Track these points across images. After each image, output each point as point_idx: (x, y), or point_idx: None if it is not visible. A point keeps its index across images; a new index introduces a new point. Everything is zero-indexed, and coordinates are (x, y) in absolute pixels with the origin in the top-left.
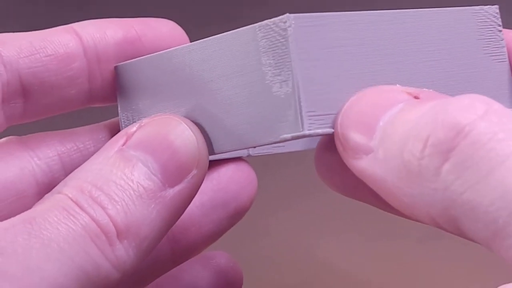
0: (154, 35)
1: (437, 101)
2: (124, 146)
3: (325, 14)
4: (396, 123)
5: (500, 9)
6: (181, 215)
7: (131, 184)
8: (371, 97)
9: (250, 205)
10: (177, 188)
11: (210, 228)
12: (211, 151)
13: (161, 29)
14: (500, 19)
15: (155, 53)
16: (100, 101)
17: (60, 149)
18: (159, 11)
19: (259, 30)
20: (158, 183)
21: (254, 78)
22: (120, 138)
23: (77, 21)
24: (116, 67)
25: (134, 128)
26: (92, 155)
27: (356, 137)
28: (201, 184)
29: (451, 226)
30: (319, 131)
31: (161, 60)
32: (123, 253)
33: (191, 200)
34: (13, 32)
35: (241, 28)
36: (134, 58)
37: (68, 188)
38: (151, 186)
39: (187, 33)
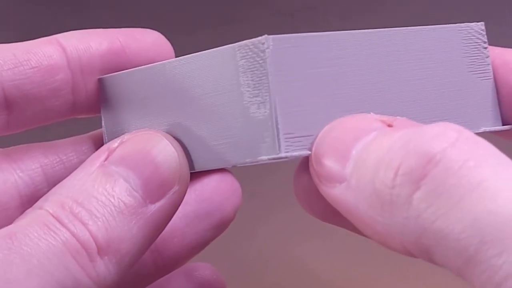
0: (138, 46)
1: (409, 129)
2: (105, 162)
3: (305, 35)
4: (369, 151)
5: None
6: (162, 230)
7: (112, 200)
8: (344, 126)
9: (234, 215)
10: (158, 204)
11: (193, 239)
12: (191, 168)
13: (146, 40)
14: (485, 36)
15: (138, 67)
16: (85, 112)
17: (43, 161)
18: (158, 12)
19: (238, 50)
20: (139, 199)
21: (232, 98)
22: (101, 153)
23: (76, 22)
24: (99, 80)
25: (116, 144)
26: (75, 167)
27: (330, 165)
28: (182, 200)
29: (424, 255)
30: (296, 153)
31: (144, 75)
32: (104, 269)
33: (172, 216)
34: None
35: (221, 47)
36: (118, 69)
37: (49, 203)
38: (132, 202)
39: (186, 35)
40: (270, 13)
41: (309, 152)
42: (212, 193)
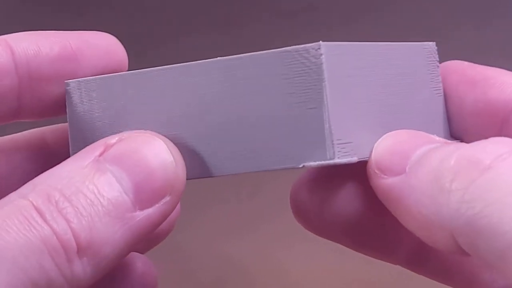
0: (91, 52)
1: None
2: (100, 157)
3: (352, 44)
4: (434, 152)
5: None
6: (145, 239)
7: (101, 200)
8: (410, 134)
9: (172, 228)
10: (147, 211)
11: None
12: (205, 173)
13: (100, 45)
14: (437, 55)
15: (140, 70)
16: (28, 117)
17: None
18: (158, 14)
19: (285, 56)
20: (129, 203)
21: (274, 103)
22: (97, 147)
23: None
24: (68, 83)
25: (114, 140)
26: None
27: (390, 158)
28: (172, 211)
29: (467, 241)
30: (345, 160)
31: (146, 78)
32: (80, 270)
33: (158, 226)
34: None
35: (261, 52)
36: (68, 75)
37: (35, 194)
38: (120, 205)
39: (186, 36)
40: (270, 13)
41: (356, 159)
42: None
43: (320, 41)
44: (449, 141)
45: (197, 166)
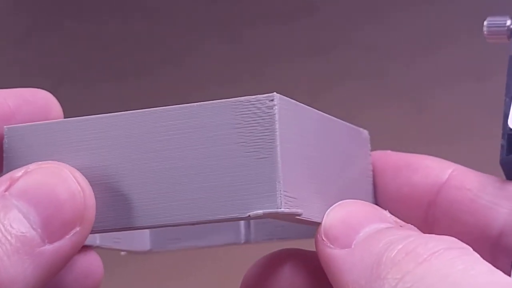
0: (28, 109)
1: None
2: (6, 192)
3: (302, 105)
4: (382, 235)
5: None
6: (57, 273)
7: (9, 238)
8: (365, 205)
9: None
10: (57, 244)
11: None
12: (144, 223)
13: (37, 102)
14: (369, 143)
15: (91, 117)
16: None
17: None
18: (158, 17)
19: (237, 105)
20: (37, 239)
21: (223, 152)
22: (2, 182)
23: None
24: (10, 128)
25: (20, 173)
26: None
27: (339, 230)
28: (83, 242)
29: None
30: (291, 210)
31: (96, 124)
32: None
33: (70, 258)
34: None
35: (215, 102)
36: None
37: None
38: (29, 241)
39: (187, 42)
40: (270, 13)
41: (301, 212)
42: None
43: (274, 92)
44: (400, 222)
45: (136, 215)
